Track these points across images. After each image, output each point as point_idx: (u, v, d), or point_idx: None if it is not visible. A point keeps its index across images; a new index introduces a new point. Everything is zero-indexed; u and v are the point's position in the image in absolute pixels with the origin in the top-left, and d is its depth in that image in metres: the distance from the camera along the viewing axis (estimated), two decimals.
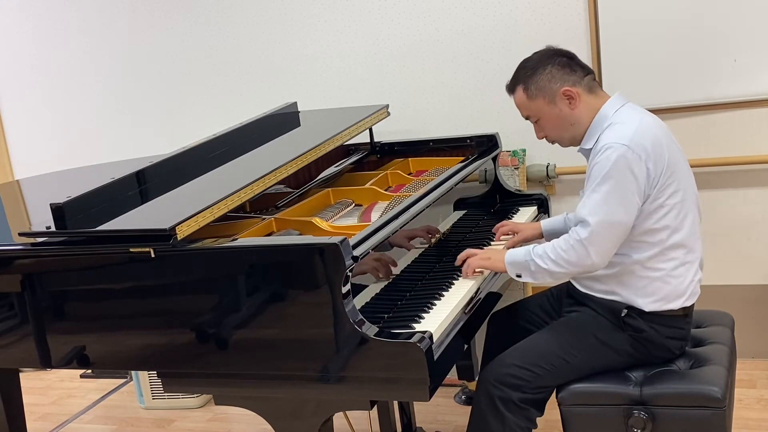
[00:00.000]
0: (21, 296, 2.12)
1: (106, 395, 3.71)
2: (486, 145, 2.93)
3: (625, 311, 2.03)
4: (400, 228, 2.10)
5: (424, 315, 1.92)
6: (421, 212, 2.23)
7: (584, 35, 3.10)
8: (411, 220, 2.16)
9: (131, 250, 1.89)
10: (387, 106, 3.09)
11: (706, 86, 2.98)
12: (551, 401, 2.08)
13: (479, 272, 2.17)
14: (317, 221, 2.20)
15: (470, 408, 2.12)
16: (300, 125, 3.00)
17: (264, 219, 2.26)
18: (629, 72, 3.05)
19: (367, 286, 2.01)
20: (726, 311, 2.38)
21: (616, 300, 2.05)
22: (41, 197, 2.64)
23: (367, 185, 2.61)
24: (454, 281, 2.14)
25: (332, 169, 2.88)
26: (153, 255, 1.87)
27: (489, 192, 2.94)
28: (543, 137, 2.16)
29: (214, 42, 3.64)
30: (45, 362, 2.15)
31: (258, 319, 1.86)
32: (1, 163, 4.16)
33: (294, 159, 2.34)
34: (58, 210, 1.98)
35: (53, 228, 2.00)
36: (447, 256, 2.39)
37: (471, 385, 3.13)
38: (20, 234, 2.16)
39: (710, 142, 3.05)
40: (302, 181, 2.71)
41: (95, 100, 3.93)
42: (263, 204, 2.49)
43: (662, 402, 1.95)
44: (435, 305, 1.99)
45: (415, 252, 2.29)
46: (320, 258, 1.76)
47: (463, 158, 2.81)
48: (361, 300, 1.97)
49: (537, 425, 2.06)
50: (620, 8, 3.01)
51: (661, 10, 2.97)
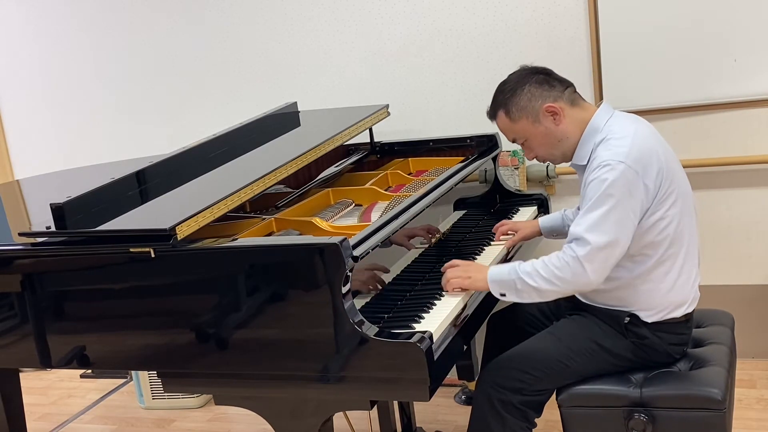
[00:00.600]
0: (21, 296, 2.12)
1: (106, 395, 3.70)
2: (486, 145, 2.93)
3: (628, 319, 2.03)
4: (401, 228, 2.10)
5: (424, 315, 1.92)
6: (421, 212, 2.23)
7: (584, 35, 3.10)
8: (411, 220, 2.16)
9: (131, 250, 1.89)
10: (387, 106, 3.09)
11: (706, 86, 2.98)
12: (551, 401, 2.08)
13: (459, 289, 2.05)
14: (317, 221, 2.20)
15: (470, 408, 2.12)
16: (300, 125, 3.00)
17: (264, 219, 2.26)
18: (629, 72, 3.05)
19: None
20: (726, 311, 2.38)
21: (619, 309, 2.04)
22: (41, 197, 2.64)
23: (367, 185, 2.61)
24: None
25: (332, 169, 2.88)
26: (153, 255, 1.87)
27: (489, 192, 2.94)
28: (534, 157, 2.12)
29: (214, 42, 3.64)
30: (45, 362, 2.15)
31: (258, 319, 1.86)
32: (1, 163, 4.16)
33: (294, 159, 2.34)
34: (58, 210, 1.98)
35: (53, 228, 2.00)
36: (447, 256, 2.38)
37: (471, 385, 3.14)
38: (20, 234, 2.16)
39: (710, 142, 3.05)
40: (302, 181, 2.71)
41: (95, 100, 3.93)
42: (263, 204, 2.49)
43: (662, 404, 1.95)
44: (435, 305, 1.98)
45: (415, 252, 2.29)
46: (320, 258, 1.76)
47: (463, 158, 2.80)
48: (361, 300, 1.96)
49: (536, 425, 2.06)
50: (620, 8, 3.01)
51: (661, 11, 2.96)
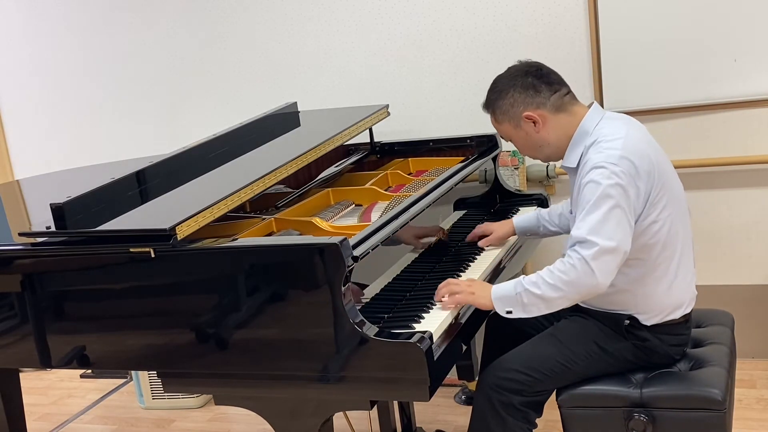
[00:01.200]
0: (21, 296, 2.12)
1: (106, 395, 3.70)
2: (486, 145, 2.93)
3: (628, 321, 2.02)
4: (401, 228, 2.10)
5: (424, 315, 1.92)
6: (421, 212, 2.23)
7: (584, 35, 3.10)
8: (411, 220, 2.16)
9: (131, 250, 1.89)
10: (387, 106, 3.09)
11: (706, 86, 2.98)
12: (551, 401, 2.08)
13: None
14: (317, 221, 2.20)
15: (470, 408, 2.12)
16: (300, 125, 3.00)
17: (264, 219, 2.26)
18: (629, 72, 3.05)
19: (367, 286, 2.01)
20: (726, 311, 2.38)
21: (618, 312, 2.04)
22: (41, 197, 2.64)
23: (367, 185, 2.61)
24: None
25: (332, 169, 2.88)
26: (153, 255, 1.87)
27: (489, 192, 2.94)
28: (523, 154, 2.16)
29: (214, 42, 3.64)
30: (45, 362, 2.15)
31: (258, 319, 1.86)
32: (1, 163, 4.16)
33: (294, 159, 2.34)
34: (58, 210, 1.98)
35: (53, 228, 2.00)
36: (447, 256, 2.39)
37: (471, 385, 3.13)
38: (20, 234, 2.16)
39: (710, 142, 3.05)
40: (302, 181, 2.71)
41: (95, 100, 3.93)
42: (263, 204, 2.49)
43: (662, 404, 1.94)
44: (435, 305, 1.98)
45: (416, 252, 2.29)
46: (320, 258, 1.76)
47: (463, 158, 2.80)
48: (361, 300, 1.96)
49: (537, 425, 2.06)
50: (620, 8, 3.01)
51: (661, 10, 2.96)
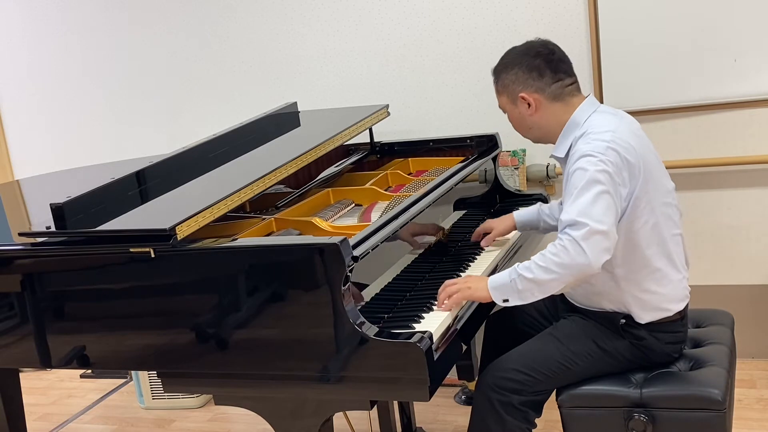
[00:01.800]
0: (21, 296, 2.12)
1: (106, 395, 3.70)
2: (486, 145, 2.93)
3: (623, 320, 2.03)
4: (401, 227, 2.10)
5: (424, 315, 1.92)
6: (421, 212, 2.23)
7: (584, 35, 3.10)
8: (411, 220, 2.16)
9: (131, 250, 1.89)
10: (387, 106, 3.09)
11: (706, 86, 2.98)
12: (551, 401, 2.08)
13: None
14: (317, 221, 2.20)
15: (470, 408, 2.12)
16: (300, 125, 3.00)
17: (264, 219, 2.26)
18: (629, 72, 3.05)
19: (367, 286, 2.01)
20: (726, 311, 2.38)
21: (613, 311, 2.05)
22: (41, 197, 2.65)
23: (367, 185, 2.61)
24: None
25: (332, 169, 2.88)
26: (153, 255, 1.87)
27: (489, 192, 2.94)
28: (514, 128, 2.17)
29: (214, 42, 3.64)
30: (45, 362, 2.15)
31: (258, 319, 1.86)
32: (1, 163, 4.16)
33: (294, 159, 2.34)
34: (58, 210, 1.98)
35: (53, 228, 2.00)
36: (447, 256, 2.39)
37: (471, 385, 3.13)
38: (20, 234, 2.16)
39: (710, 142, 3.05)
40: (302, 181, 2.71)
41: (95, 100, 3.93)
42: (263, 204, 2.49)
43: (662, 404, 1.94)
44: (435, 305, 1.98)
45: (415, 252, 2.29)
46: (320, 258, 1.76)
47: (463, 158, 2.80)
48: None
49: (536, 425, 2.06)
50: (620, 8, 3.01)
51: (661, 10, 2.97)
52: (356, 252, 1.81)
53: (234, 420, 3.27)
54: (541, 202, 2.80)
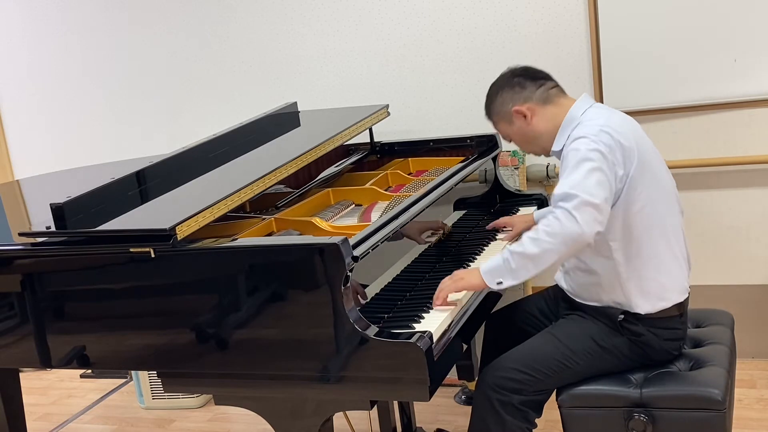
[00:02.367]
0: (21, 296, 2.12)
1: (106, 395, 3.71)
2: (486, 145, 2.93)
3: (622, 316, 2.03)
4: (401, 227, 2.10)
5: (424, 315, 1.92)
6: (421, 212, 2.23)
7: (584, 35, 3.10)
8: (411, 220, 2.16)
9: (131, 250, 1.89)
10: (387, 106, 3.09)
11: (706, 86, 2.98)
12: (551, 401, 2.08)
13: (453, 302, 1.99)
14: (317, 221, 2.20)
15: (470, 408, 2.12)
16: (300, 125, 3.00)
17: (264, 219, 2.26)
18: (629, 72, 3.05)
19: (367, 286, 2.01)
20: (726, 311, 2.38)
21: (612, 306, 2.06)
22: (41, 197, 2.64)
23: (367, 185, 2.61)
24: None
25: (332, 169, 2.88)
26: (153, 255, 1.87)
27: (489, 192, 2.94)
28: (524, 150, 2.25)
29: (214, 42, 3.64)
30: (45, 362, 2.15)
31: (258, 319, 1.86)
32: (1, 163, 4.16)
33: (294, 159, 2.34)
34: (58, 210, 1.98)
35: (53, 228, 2.00)
36: (447, 256, 2.39)
37: (471, 385, 3.13)
38: (20, 234, 2.16)
39: (710, 142, 3.05)
40: (302, 181, 2.71)
41: (95, 100, 3.93)
42: (263, 204, 2.49)
43: (662, 404, 1.95)
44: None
45: (416, 251, 2.29)
46: (320, 258, 1.76)
47: (463, 158, 2.80)
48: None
49: (536, 425, 2.06)
50: (620, 8, 3.01)
51: (661, 11, 2.97)
52: (356, 252, 1.80)
53: (234, 420, 3.27)
54: (540, 207, 2.82)
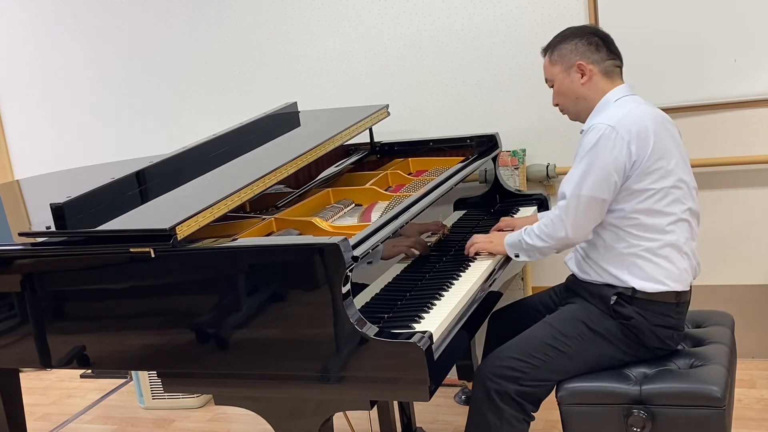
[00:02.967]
0: (21, 296, 2.12)
1: (106, 395, 3.71)
2: (486, 145, 2.93)
3: (615, 298, 2.05)
4: (400, 227, 2.10)
5: (424, 315, 1.92)
6: (421, 212, 2.23)
7: None
8: (411, 220, 2.16)
9: (131, 250, 1.89)
10: (387, 106, 3.09)
11: (706, 86, 2.98)
12: (551, 400, 2.08)
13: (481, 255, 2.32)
14: (317, 221, 2.20)
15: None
16: (300, 125, 3.00)
17: (264, 219, 2.26)
18: (629, 72, 3.00)
19: (367, 286, 2.01)
20: (726, 311, 2.38)
21: (610, 283, 2.08)
22: (41, 197, 2.64)
23: (367, 185, 2.61)
24: (455, 281, 2.15)
25: (332, 169, 2.88)
26: (153, 255, 1.87)
27: (489, 192, 2.94)
28: (556, 105, 2.27)
29: (214, 42, 3.64)
30: (45, 362, 2.15)
31: (258, 319, 1.86)
32: (1, 163, 4.16)
33: (294, 159, 2.34)
34: (58, 210, 1.98)
35: (53, 228, 2.00)
36: (447, 256, 2.39)
37: (471, 385, 3.13)
38: (20, 234, 2.16)
39: (710, 142, 3.05)
40: (302, 181, 2.71)
41: (95, 100, 3.93)
42: (263, 204, 2.49)
43: (662, 401, 1.95)
44: (435, 305, 1.99)
45: (415, 252, 2.29)
46: (320, 258, 1.76)
47: (463, 158, 2.81)
48: (361, 300, 1.97)
49: (534, 418, 2.06)
50: (620, 8, 3.01)
51: (661, 11, 2.97)
52: (356, 252, 1.80)
53: (234, 420, 3.27)
54: (540, 207, 2.82)
